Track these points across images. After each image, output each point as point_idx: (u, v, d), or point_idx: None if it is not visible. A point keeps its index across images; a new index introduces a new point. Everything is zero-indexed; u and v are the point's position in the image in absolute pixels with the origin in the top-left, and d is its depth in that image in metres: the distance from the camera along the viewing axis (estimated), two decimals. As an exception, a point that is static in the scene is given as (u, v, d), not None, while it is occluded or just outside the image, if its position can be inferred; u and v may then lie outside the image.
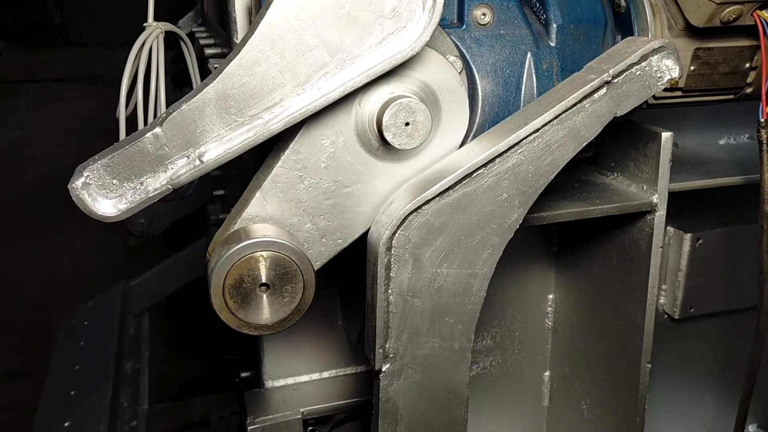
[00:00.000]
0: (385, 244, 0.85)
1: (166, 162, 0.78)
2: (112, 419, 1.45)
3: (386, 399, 0.91)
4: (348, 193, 0.88)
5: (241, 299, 0.82)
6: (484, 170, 0.87)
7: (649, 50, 0.90)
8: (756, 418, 1.67)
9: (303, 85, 0.79)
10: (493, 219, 0.89)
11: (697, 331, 1.50)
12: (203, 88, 0.77)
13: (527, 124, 0.88)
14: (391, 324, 0.88)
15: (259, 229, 0.85)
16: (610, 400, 1.25)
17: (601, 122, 0.91)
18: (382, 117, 0.83)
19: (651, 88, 0.92)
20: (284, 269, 0.82)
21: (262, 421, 1.22)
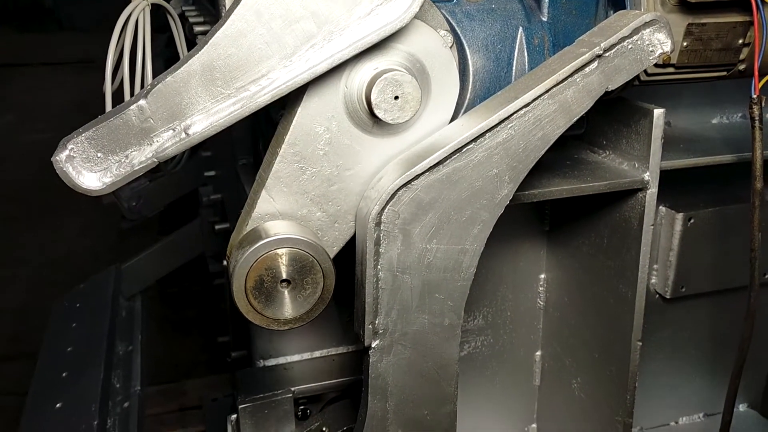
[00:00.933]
0: (374, 220, 0.84)
1: (152, 135, 0.77)
2: (104, 400, 1.45)
3: (376, 375, 0.91)
4: (351, 175, 0.88)
5: (265, 298, 0.83)
6: (474, 145, 0.86)
7: (641, 23, 0.89)
8: (746, 398, 1.68)
9: (290, 57, 0.78)
10: (483, 194, 0.89)
11: (688, 310, 1.50)
12: (188, 59, 0.76)
13: (518, 99, 0.87)
14: (381, 300, 0.88)
15: (270, 227, 0.85)
16: (601, 378, 1.25)
17: (592, 97, 0.91)
18: (371, 95, 0.82)
19: (643, 62, 0.92)
20: (301, 263, 0.82)
21: (252, 400, 1.22)
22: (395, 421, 0.94)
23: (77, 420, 1.37)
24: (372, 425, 0.93)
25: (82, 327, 1.77)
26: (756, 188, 1.04)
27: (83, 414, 1.39)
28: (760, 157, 1.04)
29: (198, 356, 2.63)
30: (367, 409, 0.93)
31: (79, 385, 1.51)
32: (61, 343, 1.71)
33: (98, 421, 1.36)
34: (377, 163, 0.88)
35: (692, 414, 1.62)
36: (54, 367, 1.61)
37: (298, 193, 0.86)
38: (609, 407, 1.24)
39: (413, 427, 0.95)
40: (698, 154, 1.24)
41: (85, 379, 1.52)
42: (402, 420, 0.94)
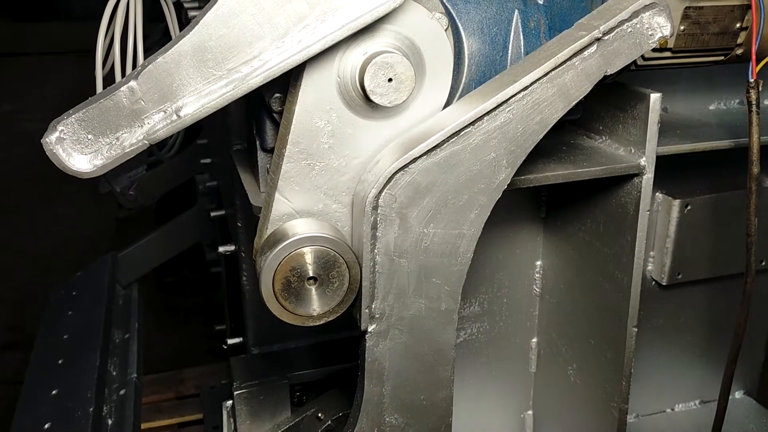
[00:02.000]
0: (371, 203, 0.84)
1: (143, 117, 0.76)
2: (100, 387, 1.45)
3: (372, 359, 0.91)
4: (360, 163, 0.87)
5: (295, 298, 0.84)
6: (471, 128, 0.86)
7: (641, 6, 0.88)
8: (742, 385, 1.68)
9: (282, 38, 0.77)
10: (480, 179, 0.88)
11: (684, 297, 1.50)
12: (179, 40, 0.75)
13: (516, 82, 0.86)
14: (378, 284, 0.88)
15: (289, 228, 0.85)
16: (597, 364, 1.25)
17: (590, 80, 0.90)
18: (364, 82, 0.82)
19: (642, 45, 0.91)
20: (324, 259, 0.83)
21: (248, 386, 1.22)
22: (391, 405, 0.94)
23: (73, 406, 1.37)
24: (368, 409, 0.93)
25: (79, 315, 1.76)
26: (753, 173, 1.04)
27: (79, 401, 1.39)
28: (757, 142, 1.03)
29: (196, 344, 2.63)
30: (363, 393, 0.93)
31: (75, 372, 1.51)
32: (58, 331, 1.71)
33: (94, 407, 1.36)
34: (377, 147, 0.88)
35: (688, 401, 1.62)
36: (50, 354, 1.61)
37: (310, 190, 0.86)
38: (605, 394, 1.24)
39: (409, 412, 0.95)
40: (695, 140, 1.23)
41: (81, 366, 1.52)
42: (398, 404, 0.94)
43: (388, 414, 0.94)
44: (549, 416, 1.48)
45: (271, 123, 0.95)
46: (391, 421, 0.94)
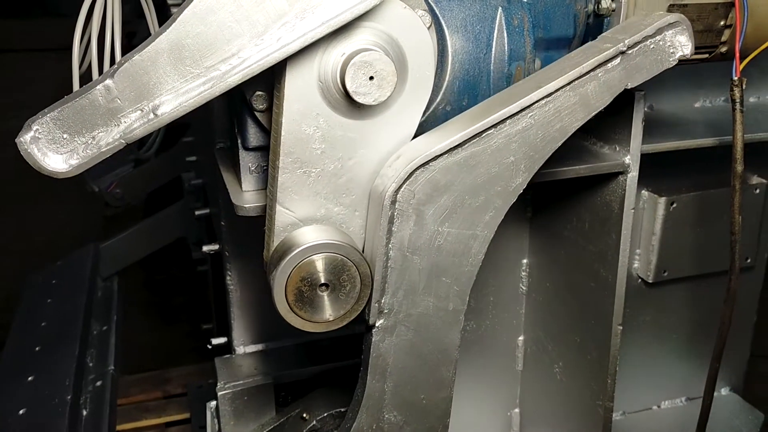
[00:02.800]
0: (390, 198, 0.84)
1: (119, 115, 0.75)
2: (78, 376, 1.43)
3: (377, 354, 0.91)
4: (356, 163, 0.87)
5: (310, 307, 0.85)
6: (494, 131, 0.87)
7: (665, 24, 0.90)
8: (728, 382, 1.69)
9: (261, 35, 0.76)
10: (498, 181, 0.89)
11: (670, 295, 1.50)
12: (156, 37, 0.74)
13: (540, 88, 0.87)
14: (389, 279, 0.88)
15: (293, 238, 0.86)
16: (582, 362, 1.25)
17: (611, 93, 0.91)
18: (346, 84, 0.81)
19: (663, 63, 0.92)
20: (332, 265, 0.83)
21: (233, 386, 1.21)
22: (391, 402, 0.94)
23: (50, 394, 1.35)
24: (369, 405, 0.93)
25: (58, 303, 1.74)
26: (736, 171, 1.04)
27: (57, 388, 1.37)
28: (741, 140, 1.03)
29: (184, 343, 2.61)
30: (365, 388, 0.92)
31: (53, 359, 1.49)
32: (36, 318, 1.68)
33: (72, 396, 1.34)
34: (375, 143, 0.88)
35: (674, 398, 1.63)
36: (27, 340, 1.58)
37: (310, 197, 0.86)
38: (590, 391, 1.24)
39: (409, 410, 0.95)
40: (680, 138, 1.23)
41: (60, 354, 1.50)
42: (398, 402, 0.94)
43: (388, 411, 0.94)
44: (535, 414, 1.48)
45: (253, 121, 0.94)
46: (390, 418, 0.94)
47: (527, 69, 0.99)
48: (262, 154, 0.98)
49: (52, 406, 1.32)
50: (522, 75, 0.99)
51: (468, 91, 0.98)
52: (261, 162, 0.98)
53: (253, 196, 0.98)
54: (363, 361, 0.93)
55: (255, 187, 0.99)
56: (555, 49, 1.03)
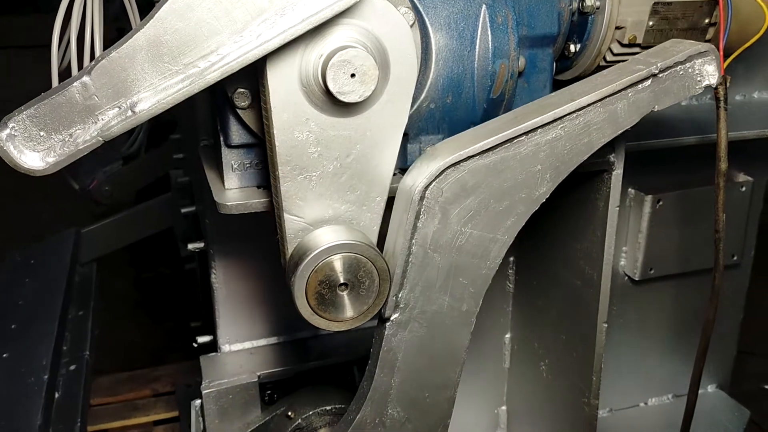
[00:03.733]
0: (419, 193, 0.86)
1: (96, 113, 0.74)
2: (56, 357, 1.42)
3: (388, 348, 0.91)
4: (354, 159, 0.87)
5: (333, 308, 0.86)
6: (525, 138, 0.88)
7: (696, 52, 0.92)
8: (715, 379, 1.70)
9: (241, 32, 0.75)
10: (523, 188, 0.91)
11: (657, 292, 1.51)
12: (134, 34, 0.73)
13: (573, 101, 0.89)
14: (408, 274, 0.89)
15: (306, 243, 0.86)
16: (568, 360, 1.25)
17: (639, 113, 0.93)
18: (328, 86, 0.80)
19: (689, 89, 0.94)
20: (347, 264, 0.84)
21: (218, 385, 1.21)
22: (396, 397, 0.94)
23: (26, 372, 1.34)
24: (374, 398, 0.93)
25: (36, 284, 1.71)
26: (720, 169, 1.04)
27: (33, 367, 1.36)
28: (725, 138, 1.03)
29: (173, 342, 2.60)
30: (372, 381, 0.93)
31: (30, 339, 1.48)
32: (13, 296, 1.67)
33: (49, 375, 1.33)
34: (370, 136, 0.87)
35: (661, 395, 1.63)
36: (3, 317, 1.57)
37: (315, 200, 0.86)
38: (576, 389, 1.24)
39: (412, 407, 0.95)
40: (665, 136, 1.23)
41: (37, 334, 1.49)
42: (403, 398, 0.94)
43: (392, 406, 0.94)
44: (522, 412, 1.48)
45: (235, 119, 0.93)
46: (393, 413, 0.94)
47: (511, 67, 0.98)
48: (246, 151, 0.97)
49: (28, 385, 1.32)
50: (506, 73, 0.98)
51: (452, 89, 0.98)
52: (244, 159, 0.98)
53: (235, 194, 0.97)
54: (372, 354, 0.93)
55: (238, 185, 0.98)
56: (539, 47, 1.03)
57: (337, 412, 1.19)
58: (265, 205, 0.96)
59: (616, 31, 1.04)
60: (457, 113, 1.00)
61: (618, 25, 1.04)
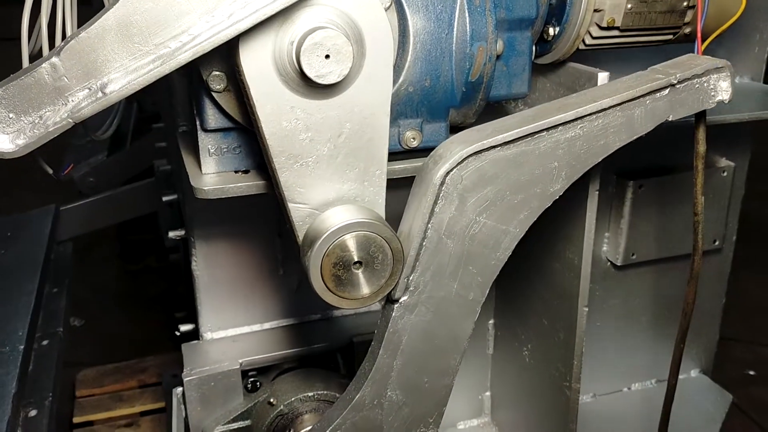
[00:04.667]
0: (440, 178, 0.87)
1: (66, 94, 0.73)
2: (32, 329, 1.41)
3: (394, 330, 0.92)
4: (346, 138, 0.87)
5: (351, 287, 0.87)
6: (545, 134, 0.90)
7: (713, 67, 0.95)
8: (698, 364, 1.71)
9: (212, 11, 0.74)
10: (539, 183, 0.92)
11: (639, 277, 1.51)
12: (103, 14, 0.72)
13: (594, 102, 0.91)
14: (421, 258, 0.90)
15: (315, 228, 0.87)
16: (550, 344, 1.25)
17: (654, 121, 0.95)
18: (304, 70, 0.80)
19: (703, 102, 0.97)
20: (359, 242, 0.85)
21: (199, 372, 1.20)
22: (397, 380, 0.95)
23: (1, 341, 1.34)
24: (375, 379, 0.94)
25: (12, 256, 1.70)
26: (699, 152, 1.04)
27: (9, 336, 1.35)
28: (703, 120, 1.03)
29: (159, 333, 2.59)
30: (374, 362, 0.93)
31: (6, 309, 1.47)
32: None
33: (25, 346, 1.33)
34: (358, 111, 0.87)
35: (644, 380, 1.64)
36: None
37: (316, 185, 0.87)
38: (558, 374, 1.24)
39: (411, 391, 0.96)
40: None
41: (13, 305, 1.48)
42: (403, 381, 0.95)
43: (392, 389, 0.95)
44: (506, 397, 1.49)
45: (211, 102, 0.92)
46: (391, 396, 0.95)
47: (489, 49, 0.98)
48: (223, 135, 0.97)
49: (3, 354, 1.31)
50: (484, 56, 0.98)
51: (430, 72, 0.98)
52: (221, 144, 0.97)
53: (213, 179, 0.96)
54: (377, 335, 0.94)
55: (215, 169, 0.98)
56: (518, 29, 1.02)
57: (319, 398, 1.19)
58: (243, 190, 0.96)
59: (594, 13, 1.04)
60: (435, 96, 0.99)
61: (596, 8, 1.03)
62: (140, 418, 2.10)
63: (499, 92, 1.05)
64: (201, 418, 1.20)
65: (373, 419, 0.95)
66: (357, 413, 0.94)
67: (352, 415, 0.94)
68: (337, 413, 0.95)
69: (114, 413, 2.11)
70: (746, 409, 2.08)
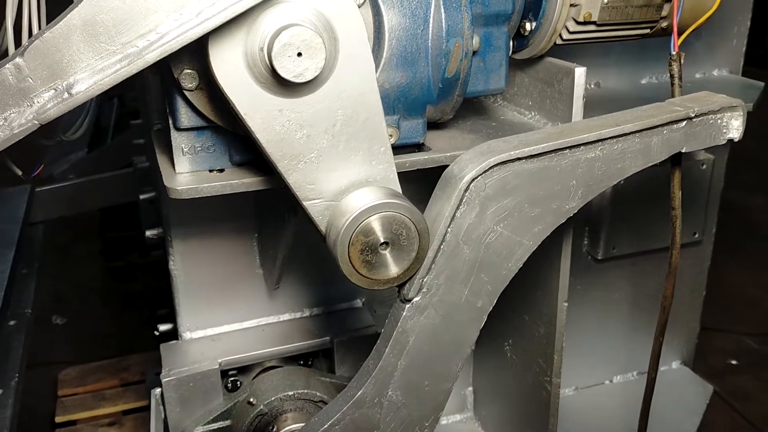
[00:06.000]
0: (465, 183, 0.88)
1: (31, 95, 0.71)
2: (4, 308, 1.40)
3: (402, 330, 0.93)
4: (342, 124, 0.86)
5: (382, 267, 0.87)
6: (568, 152, 0.92)
7: (728, 105, 0.98)
8: (679, 355, 1.72)
9: (180, 9, 0.73)
10: (556, 199, 0.94)
11: (620, 271, 1.52)
12: (68, 13, 0.70)
13: (617, 126, 0.94)
14: (437, 260, 0.90)
15: (336, 216, 0.87)
16: (530, 339, 1.26)
17: (668, 151, 0.98)
18: (282, 76, 0.79)
19: (714, 138, 1.00)
20: (383, 222, 0.85)
21: (178, 373, 1.19)
22: (399, 381, 0.95)
23: None
24: (378, 377, 0.94)
25: None
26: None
27: None
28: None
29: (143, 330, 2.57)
30: (379, 360, 0.93)
31: None
32: None
33: None
34: (347, 95, 0.86)
35: (626, 372, 1.65)
36: None
37: (325, 178, 0.87)
38: (538, 368, 1.24)
39: (411, 393, 0.96)
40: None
41: None
42: (404, 382, 0.95)
43: (393, 389, 0.95)
44: (488, 392, 1.49)
45: (183, 101, 0.91)
46: (392, 396, 0.95)
47: (465, 45, 0.97)
48: (196, 134, 0.95)
49: None
50: (460, 51, 0.97)
51: (406, 68, 0.97)
52: (195, 143, 0.96)
53: (187, 179, 0.95)
54: (384, 334, 0.94)
55: (189, 168, 0.96)
56: (494, 25, 1.02)
57: (299, 397, 1.18)
58: (217, 189, 0.95)
59: (571, 8, 1.04)
60: (412, 93, 0.98)
61: (573, 2, 1.03)
62: (123, 417, 2.08)
63: (476, 88, 1.04)
64: (181, 419, 1.19)
65: (371, 418, 0.95)
66: (357, 410, 0.95)
67: (351, 412, 0.95)
68: (337, 408, 0.95)
69: (96, 412, 2.10)
70: (728, 399, 2.11)
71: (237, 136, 0.95)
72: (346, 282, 0.89)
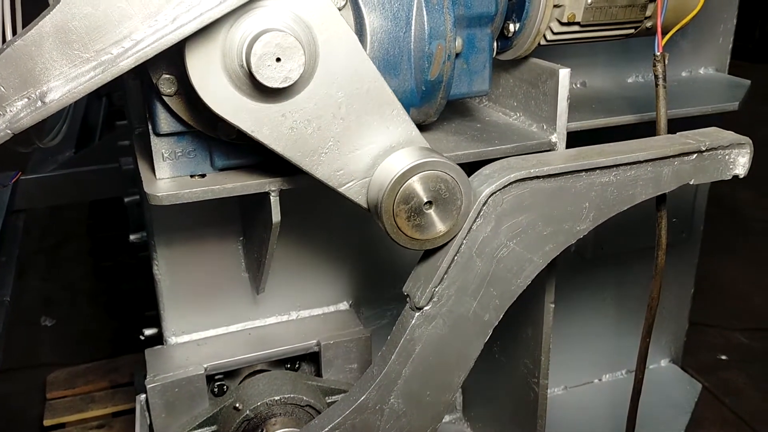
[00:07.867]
0: (485, 197, 0.89)
1: (4, 104, 0.70)
2: None
3: (410, 338, 0.93)
4: (347, 104, 0.86)
5: (429, 226, 0.89)
6: (584, 174, 0.94)
7: (736, 142, 1.01)
8: (668, 353, 1.72)
9: (155, 15, 0.72)
10: (569, 219, 0.96)
11: (608, 270, 1.52)
12: (40, 20, 0.69)
13: (631, 153, 0.96)
14: (450, 271, 0.91)
15: (373, 192, 0.88)
16: (518, 340, 1.25)
17: (677, 182, 1.00)
18: (268, 86, 0.79)
19: (721, 173, 1.02)
20: (423, 183, 0.86)
21: (163, 378, 1.18)
22: (402, 388, 0.95)
23: None
24: (382, 384, 0.94)
25: None
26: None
27: None
28: (664, 115, 1.03)
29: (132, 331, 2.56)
30: (385, 366, 0.94)
31: None
32: None
33: None
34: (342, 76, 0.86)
35: (615, 371, 1.65)
36: None
37: (350, 160, 0.88)
38: (526, 369, 1.24)
39: (412, 402, 0.97)
40: (609, 114, 1.23)
41: None
42: (407, 391, 0.96)
43: (395, 396, 0.95)
44: (477, 393, 1.49)
45: (162, 106, 0.90)
46: (394, 403, 0.96)
47: (448, 47, 0.96)
48: (176, 139, 0.94)
49: None
50: (443, 54, 0.96)
51: (389, 71, 0.96)
52: (175, 148, 0.95)
53: (167, 184, 0.94)
54: (390, 341, 0.94)
55: (170, 174, 0.95)
56: (477, 26, 1.01)
57: (286, 402, 1.18)
58: (198, 195, 0.93)
59: (554, 9, 1.03)
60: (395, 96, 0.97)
61: (556, 3, 1.02)
62: (113, 419, 2.07)
63: (459, 90, 1.04)
64: (166, 425, 1.18)
65: (372, 424, 0.96)
66: (358, 415, 0.95)
67: (353, 417, 0.95)
68: (338, 412, 0.95)
69: (86, 415, 2.08)
70: (718, 395, 2.11)
71: (218, 141, 0.94)
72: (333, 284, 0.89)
